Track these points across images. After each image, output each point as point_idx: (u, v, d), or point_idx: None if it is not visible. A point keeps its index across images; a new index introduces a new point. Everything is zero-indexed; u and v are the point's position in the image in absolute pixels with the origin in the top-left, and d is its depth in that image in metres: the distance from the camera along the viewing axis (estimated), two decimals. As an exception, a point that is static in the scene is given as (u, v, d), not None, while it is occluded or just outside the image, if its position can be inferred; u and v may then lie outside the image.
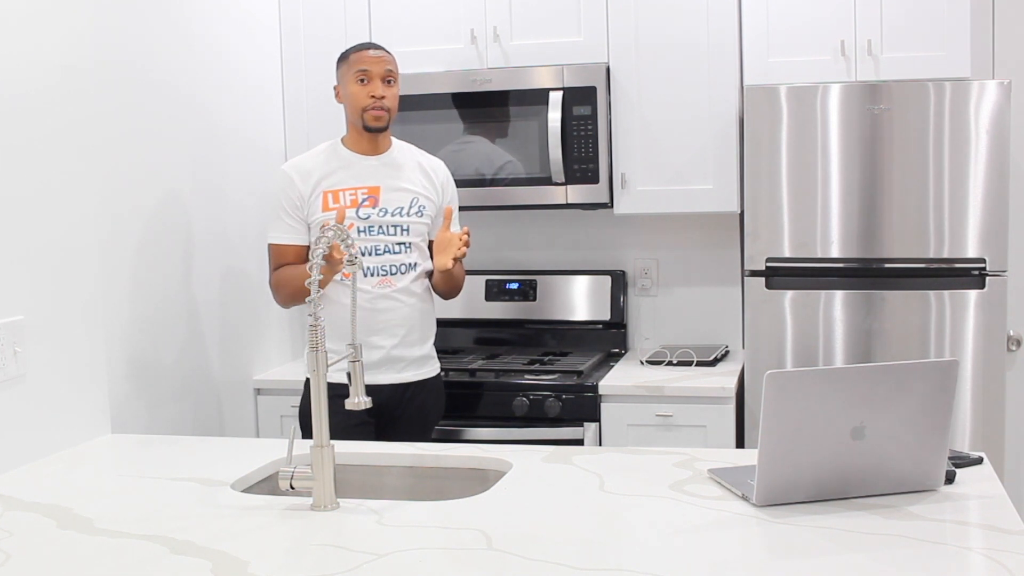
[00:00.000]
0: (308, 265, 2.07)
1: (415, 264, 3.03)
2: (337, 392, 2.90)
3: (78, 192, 2.64)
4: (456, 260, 2.97)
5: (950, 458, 2.08)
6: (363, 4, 3.77)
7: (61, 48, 2.59)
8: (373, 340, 2.96)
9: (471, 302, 3.95)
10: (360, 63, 3.00)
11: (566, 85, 3.57)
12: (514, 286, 3.93)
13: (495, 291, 3.94)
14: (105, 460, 2.50)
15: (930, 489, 2.00)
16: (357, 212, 2.97)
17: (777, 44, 3.45)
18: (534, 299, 3.91)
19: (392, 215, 2.99)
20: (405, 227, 3.00)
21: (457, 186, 3.16)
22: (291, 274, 2.98)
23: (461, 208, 3.69)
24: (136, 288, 3.06)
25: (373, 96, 2.97)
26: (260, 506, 2.06)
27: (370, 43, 3.10)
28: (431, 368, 3.12)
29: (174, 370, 3.23)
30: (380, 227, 2.98)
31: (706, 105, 3.54)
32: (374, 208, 2.98)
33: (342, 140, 3.07)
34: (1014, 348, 3.82)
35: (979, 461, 2.17)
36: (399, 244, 2.99)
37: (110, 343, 2.86)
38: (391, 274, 2.98)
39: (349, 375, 2.15)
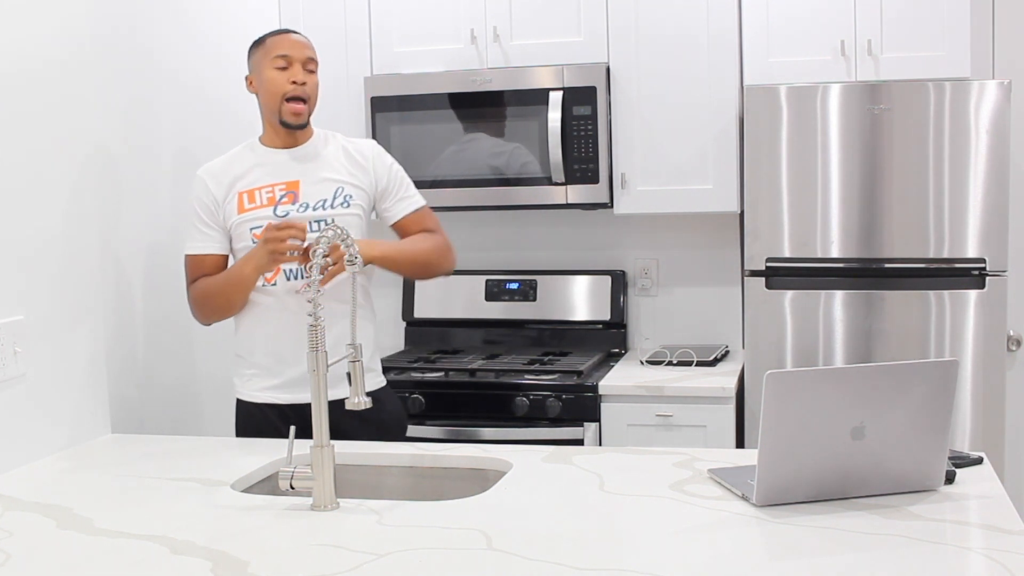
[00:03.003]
0: (308, 265, 2.07)
1: None
2: (266, 415, 2.73)
3: (78, 191, 2.64)
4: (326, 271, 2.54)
5: (950, 458, 2.08)
6: (363, 4, 3.77)
7: (58, 41, 2.58)
8: (299, 353, 2.60)
9: (471, 302, 3.95)
10: (280, 48, 2.73)
11: (566, 85, 3.57)
12: (514, 286, 3.93)
13: (495, 291, 3.94)
14: (105, 460, 2.50)
15: (930, 489, 2.00)
16: (274, 210, 2.69)
17: (777, 44, 3.46)
18: (534, 299, 3.91)
19: (314, 209, 2.70)
20: (329, 221, 2.68)
21: (460, 186, 3.09)
22: (213, 285, 2.72)
23: (463, 208, 3.70)
24: (136, 287, 3.06)
25: (294, 82, 2.70)
26: (260, 506, 2.06)
27: (287, 28, 2.89)
28: (373, 381, 2.79)
29: (174, 370, 3.23)
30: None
31: (706, 105, 3.54)
32: (293, 204, 2.70)
33: (259, 138, 2.82)
34: (1014, 348, 3.82)
35: (979, 461, 2.17)
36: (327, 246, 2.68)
37: (110, 343, 2.85)
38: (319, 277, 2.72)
39: (349, 375, 2.15)
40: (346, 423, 2.51)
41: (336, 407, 2.28)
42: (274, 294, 2.70)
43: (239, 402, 2.83)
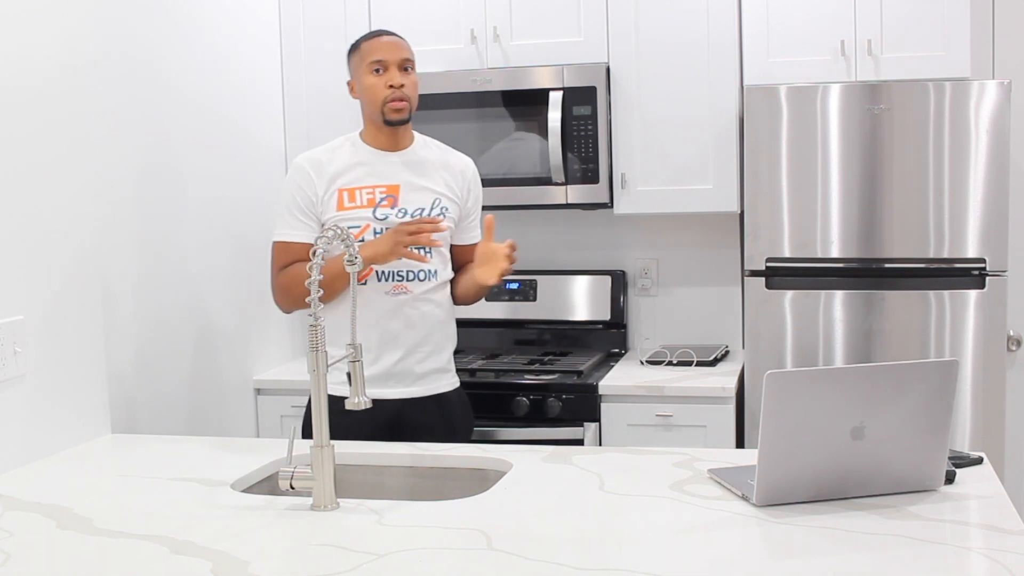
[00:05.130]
0: (308, 265, 2.07)
1: (435, 271, 2.79)
2: (341, 407, 2.78)
3: (78, 191, 2.64)
4: (501, 276, 2.73)
5: (950, 458, 2.08)
6: (363, 4, 3.77)
7: (59, 45, 2.59)
8: (383, 350, 2.75)
9: (471, 302, 3.95)
10: (374, 52, 2.77)
11: (566, 85, 3.57)
12: (514, 286, 3.93)
13: (495, 291, 3.93)
14: (105, 460, 2.50)
15: (930, 489, 2.00)
16: (374, 212, 2.75)
17: (777, 44, 3.46)
18: (534, 299, 3.91)
19: (411, 216, 2.76)
20: None
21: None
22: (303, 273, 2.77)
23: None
24: (136, 287, 3.05)
25: (391, 86, 2.74)
26: (260, 506, 2.06)
27: (383, 30, 2.89)
28: (447, 382, 2.88)
29: (174, 370, 3.23)
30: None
31: (706, 105, 3.54)
32: (392, 208, 2.76)
33: (360, 135, 2.85)
34: (1014, 348, 3.82)
35: (979, 461, 2.17)
36: (417, 248, 2.72)
37: (110, 343, 2.85)
38: (407, 280, 2.75)
39: (349, 375, 2.15)
40: (416, 418, 2.76)
41: (405, 404, 2.71)
42: (363, 292, 2.72)
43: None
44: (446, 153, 2.92)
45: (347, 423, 2.55)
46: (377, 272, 2.74)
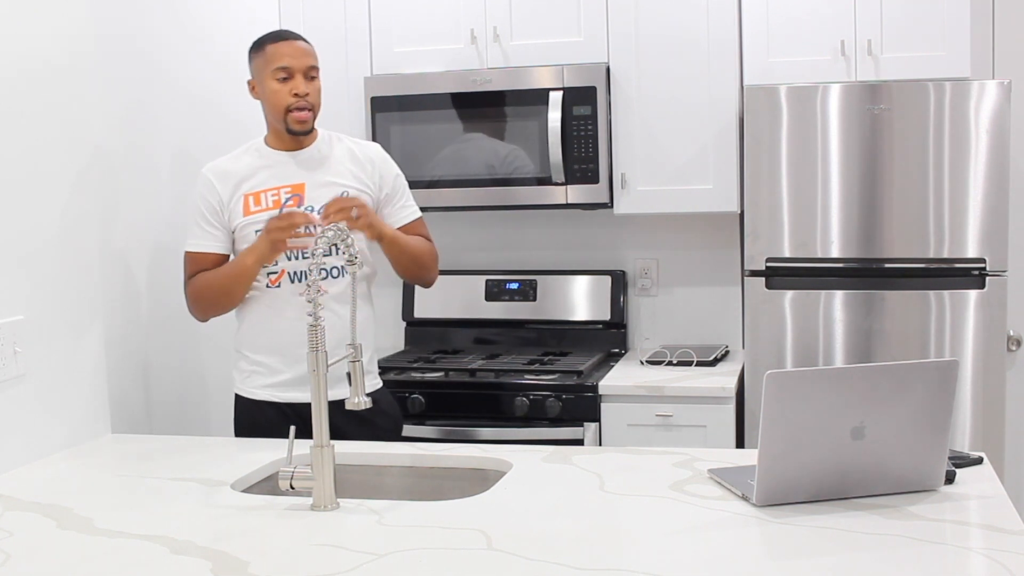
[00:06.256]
0: (308, 265, 2.07)
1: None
2: (264, 411, 2.77)
3: (78, 191, 2.64)
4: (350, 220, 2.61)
5: (950, 458, 2.08)
6: (363, 4, 3.77)
7: (59, 47, 2.58)
8: (300, 353, 2.49)
9: (471, 302, 3.95)
10: (280, 58, 2.71)
11: (566, 85, 3.57)
12: (514, 286, 3.93)
13: (495, 291, 3.94)
14: (105, 460, 2.50)
15: (930, 489, 2.00)
16: (280, 213, 2.70)
17: (777, 44, 3.45)
18: (534, 299, 3.91)
19: (318, 213, 2.70)
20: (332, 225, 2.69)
21: (460, 186, 3.09)
22: (213, 278, 2.73)
23: (463, 208, 3.70)
24: (136, 287, 3.06)
25: (296, 94, 2.70)
26: (260, 506, 2.06)
27: (287, 32, 2.83)
28: (369, 383, 2.81)
29: (174, 370, 3.23)
30: (306, 228, 2.66)
31: (706, 105, 3.54)
32: (298, 208, 2.72)
33: (264, 139, 2.82)
34: (1014, 348, 3.82)
35: (979, 461, 2.17)
36: (329, 246, 2.66)
37: (110, 343, 2.85)
38: (320, 279, 2.63)
39: (349, 375, 2.15)
40: (340, 423, 2.50)
41: (330, 408, 2.22)
42: (278, 295, 2.72)
43: (237, 397, 2.85)
44: (352, 145, 2.86)
45: (267, 426, 2.65)
46: (289, 273, 2.71)
